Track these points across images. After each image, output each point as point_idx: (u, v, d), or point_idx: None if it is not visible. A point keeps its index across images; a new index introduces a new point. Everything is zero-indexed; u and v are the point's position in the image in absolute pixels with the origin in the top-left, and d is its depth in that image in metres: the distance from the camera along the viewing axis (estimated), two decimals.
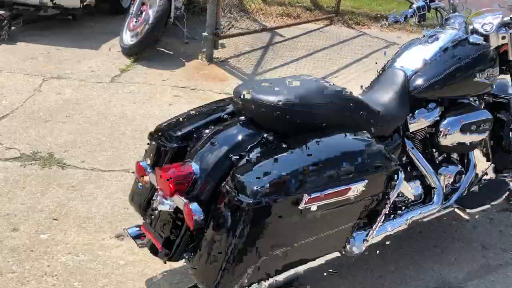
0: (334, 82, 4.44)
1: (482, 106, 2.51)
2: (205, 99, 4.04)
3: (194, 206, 1.64)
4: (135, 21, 4.78)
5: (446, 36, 2.35)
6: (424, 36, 2.45)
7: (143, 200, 2.05)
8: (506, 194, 2.51)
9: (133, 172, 2.98)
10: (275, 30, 5.70)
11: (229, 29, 5.06)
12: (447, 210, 2.45)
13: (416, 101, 2.26)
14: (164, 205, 1.79)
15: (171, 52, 4.98)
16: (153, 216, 1.91)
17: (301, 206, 1.60)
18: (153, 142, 2.08)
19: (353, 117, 1.96)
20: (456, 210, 2.54)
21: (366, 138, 1.84)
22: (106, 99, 3.91)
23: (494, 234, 2.68)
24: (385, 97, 2.20)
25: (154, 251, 1.93)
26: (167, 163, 1.97)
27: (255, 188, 1.56)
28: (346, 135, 1.83)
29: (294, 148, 1.71)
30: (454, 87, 2.27)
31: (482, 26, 2.43)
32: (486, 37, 2.44)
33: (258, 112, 1.84)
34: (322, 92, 1.90)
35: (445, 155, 2.43)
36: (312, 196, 1.60)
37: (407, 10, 2.51)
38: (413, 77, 2.23)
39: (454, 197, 2.41)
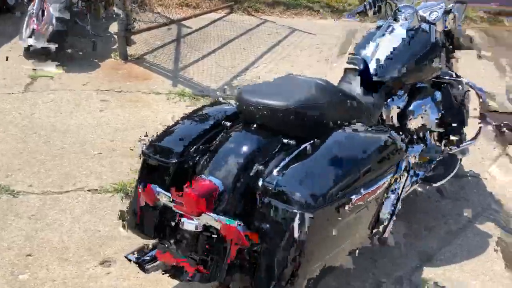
0: (257, 73, 4.54)
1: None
2: (136, 101, 3.85)
3: (241, 225, 1.59)
4: (36, 21, 4.32)
5: (403, 27, 2.52)
6: (377, 27, 2.61)
7: (153, 224, 1.91)
8: (458, 166, 2.80)
9: (89, 190, 2.76)
10: (182, 22, 5.55)
11: (133, 22, 4.83)
12: (414, 187, 2.67)
13: (388, 90, 2.40)
14: (191, 225, 1.71)
15: (80, 53, 4.61)
16: (175, 239, 1.80)
17: (350, 206, 1.64)
18: (149, 160, 1.95)
19: (349, 111, 2.03)
20: None
21: (380, 129, 1.93)
22: (27, 111, 3.53)
23: (446, 202, 2.97)
24: (358, 87, 2.31)
25: (177, 274, 1.83)
26: (170, 180, 1.87)
27: (309, 196, 1.55)
28: (360, 130, 1.89)
29: (325, 150, 1.73)
30: (418, 73, 2.46)
31: (429, 14, 2.64)
32: (433, 25, 2.66)
33: (272, 117, 1.82)
34: (325, 91, 1.95)
35: (409, 136, 2.62)
36: (361, 195, 1.65)
37: (362, 5, 2.65)
38: (384, 68, 2.36)
39: (421, 174, 2.63)
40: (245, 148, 1.80)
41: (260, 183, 1.70)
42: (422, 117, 2.54)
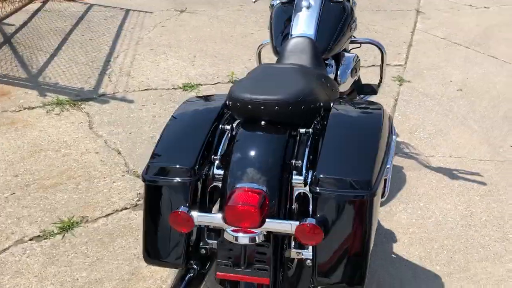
0: (123, 63, 4.25)
1: None
2: (11, 123, 3.30)
3: (313, 220, 1.59)
4: None
5: (316, 1, 2.66)
6: (282, 3, 2.71)
7: (184, 249, 1.77)
8: None
9: (31, 239, 2.36)
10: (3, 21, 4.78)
11: None
12: None
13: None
14: (245, 238, 1.66)
15: None
16: (230, 257, 1.71)
17: (387, 177, 1.78)
18: (155, 185, 1.78)
19: (326, 91, 2.14)
20: None
21: (368, 101, 2.08)
22: None
23: None
24: (309, 64, 2.41)
25: None
26: (190, 200, 1.76)
27: (367, 177, 1.61)
28: (355, 107, 2.01)
29: (349, 130, 1.81)
30: (342, 42, 2.66)
31: None
32: None
33: (281, 111, 1.81)
34: (310, 75, 2.01)
35: None
36: (389, 166, 1.78)
37: None
38: (321, 41, 2.49)
39: None
40: (269, 146, 1.76)
41: (300, 177, 1.71)
42: (350, 80, 2.77)
